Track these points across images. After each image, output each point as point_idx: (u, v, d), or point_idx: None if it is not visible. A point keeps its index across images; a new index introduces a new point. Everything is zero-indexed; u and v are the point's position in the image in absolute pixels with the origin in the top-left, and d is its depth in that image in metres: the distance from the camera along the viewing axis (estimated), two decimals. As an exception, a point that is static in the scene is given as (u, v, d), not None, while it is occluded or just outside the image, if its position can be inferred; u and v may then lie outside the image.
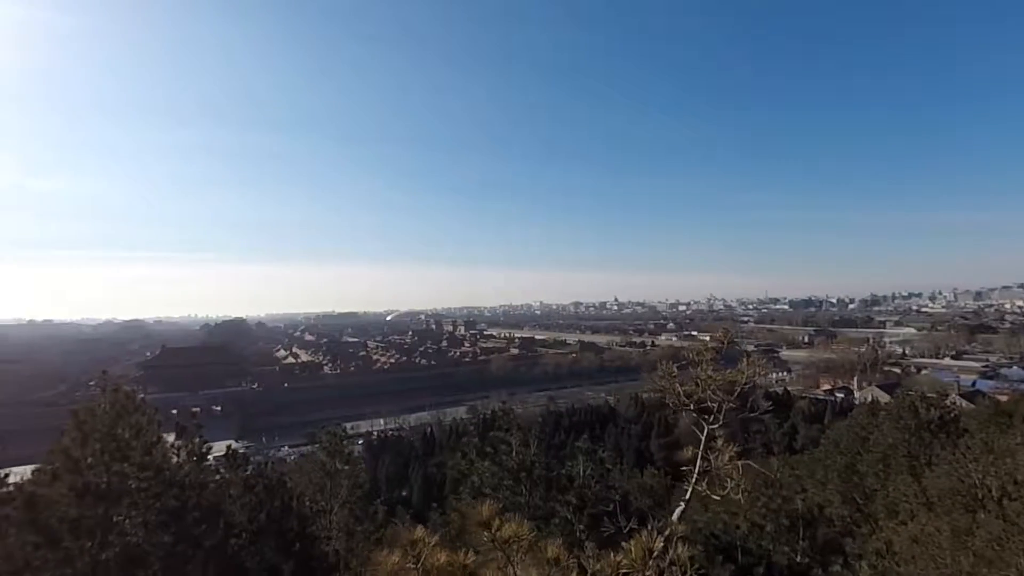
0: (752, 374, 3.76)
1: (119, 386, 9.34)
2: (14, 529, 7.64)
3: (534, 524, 3.81)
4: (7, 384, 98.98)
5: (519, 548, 2.63)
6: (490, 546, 2.63)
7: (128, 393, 9.13)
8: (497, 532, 2.62)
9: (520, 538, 2.66)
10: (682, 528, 2.87)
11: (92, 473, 8.09)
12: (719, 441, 3.72)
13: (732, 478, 3.49)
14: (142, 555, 8.01)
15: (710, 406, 3.81)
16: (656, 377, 4.04)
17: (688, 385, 3.95)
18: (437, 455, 59.85)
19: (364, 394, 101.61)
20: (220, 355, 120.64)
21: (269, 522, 9.45)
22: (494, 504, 2.73)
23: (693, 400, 3.86)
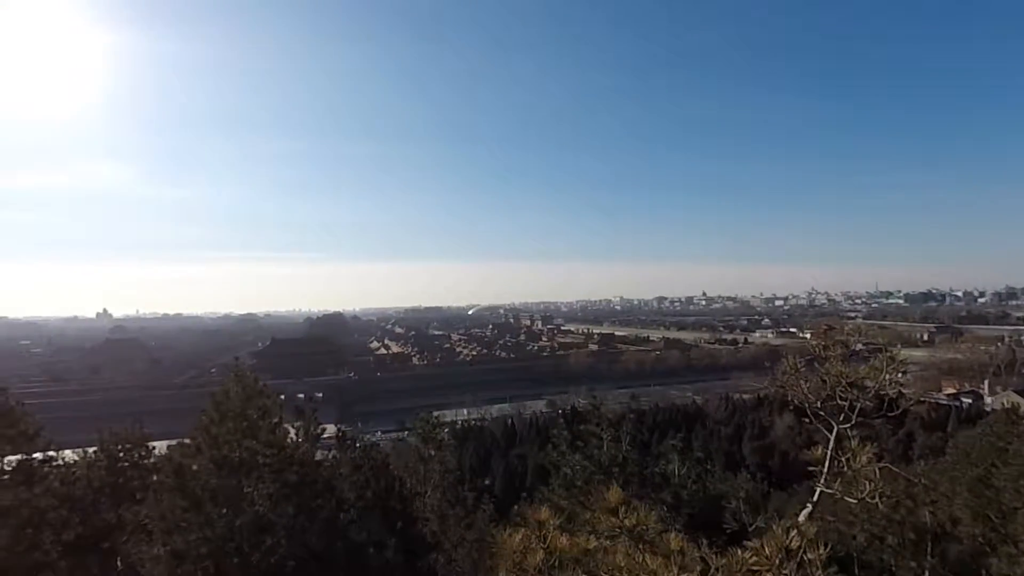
0: (891, 373, 3.45)
1: (246, 372, 10.44)
2: (166, 494, 8.86)
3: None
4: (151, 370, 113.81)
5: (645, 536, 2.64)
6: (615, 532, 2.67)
7: (255, 379, 10.21)
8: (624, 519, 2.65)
9: (646, 526, 2.67)
10: (813, 529, 2.72)
11: (227, 448, 9.16)
12: (853, 442, 3.45)
13: (870, 481, 3.23)
14: (269, 524, 8.95)
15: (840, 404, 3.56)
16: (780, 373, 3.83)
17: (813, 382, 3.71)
18: (518, 446, 60.75)
19: (448, 384, 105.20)
20: (321, 346, 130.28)
21: (375, 500, 10.17)
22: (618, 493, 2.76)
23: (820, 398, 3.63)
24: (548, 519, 2.75)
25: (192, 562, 8.50)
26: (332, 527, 9.55)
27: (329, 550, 9.36)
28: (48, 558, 12.22)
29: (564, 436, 10.81)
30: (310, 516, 9.20)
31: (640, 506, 2.84)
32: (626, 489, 11.34)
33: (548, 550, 2.57)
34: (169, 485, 8.96)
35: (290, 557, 8.72)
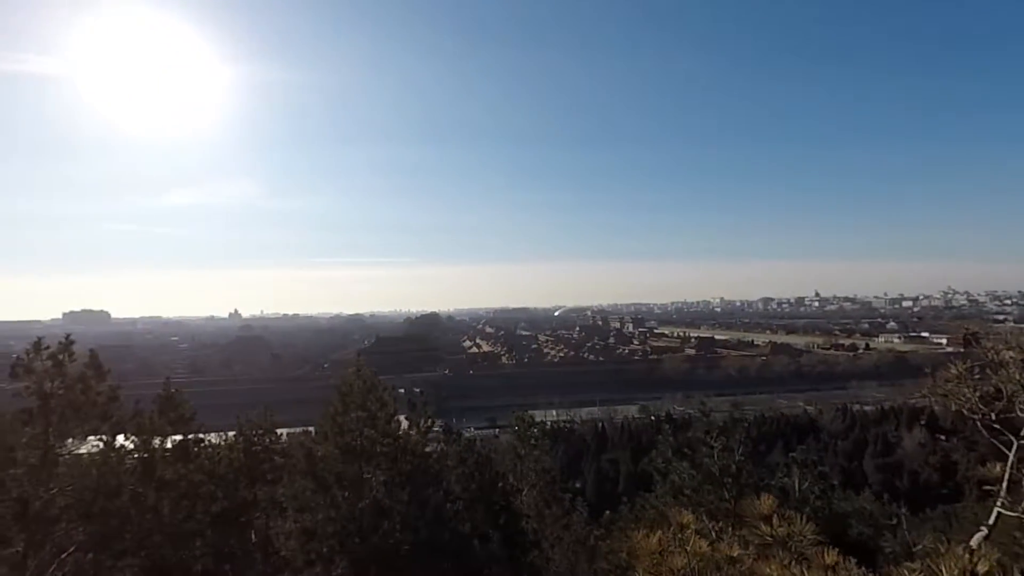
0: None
1: (366, 368, 11.31)
2: (298, 476, 9.83)
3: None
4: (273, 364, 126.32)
5: (799, 547, 2.49)
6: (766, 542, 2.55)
7: (373, 373, 11.02)
8: (778, 529, 2.53)
9: (803, 538, 2.52)
10: (996, 554, 2.42)
11: (350, 436, 9.98)
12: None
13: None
14: (386, 509, 9.61)
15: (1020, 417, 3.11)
16: (941, 380, 3.44)
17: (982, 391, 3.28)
18: (609, 451, 59.68)
19: (536, 385, 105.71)
20: (420, 344, 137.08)
21: (479, 494, 10.54)
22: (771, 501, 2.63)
23: (996, 410, 3.20)
24: (691, 522, 2.70)
25: (320, 540, 9.36)
26: (440, 517, 10.03)
27: (438, 538, 9.84)
28: (200, 526, 14.04)
29: (669, 442, 10.46)
30: (421, 504, 9.74)
31: (795, 516, 2.69)
32: (739, 501, 10.72)
33: (690, 554, 2.52)
34: (300, 468, 9.94)
35: (404, 543, 9.30)
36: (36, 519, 11.73)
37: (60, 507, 12.13)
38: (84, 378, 12.08)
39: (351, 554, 9.17)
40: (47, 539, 11.92)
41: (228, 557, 14.74)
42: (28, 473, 11.97)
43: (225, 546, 14.64)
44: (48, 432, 11.91)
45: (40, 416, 11.90)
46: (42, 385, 11.99)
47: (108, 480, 12.28)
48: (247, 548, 15.36)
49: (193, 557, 13.86)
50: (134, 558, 12.79)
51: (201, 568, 13.45)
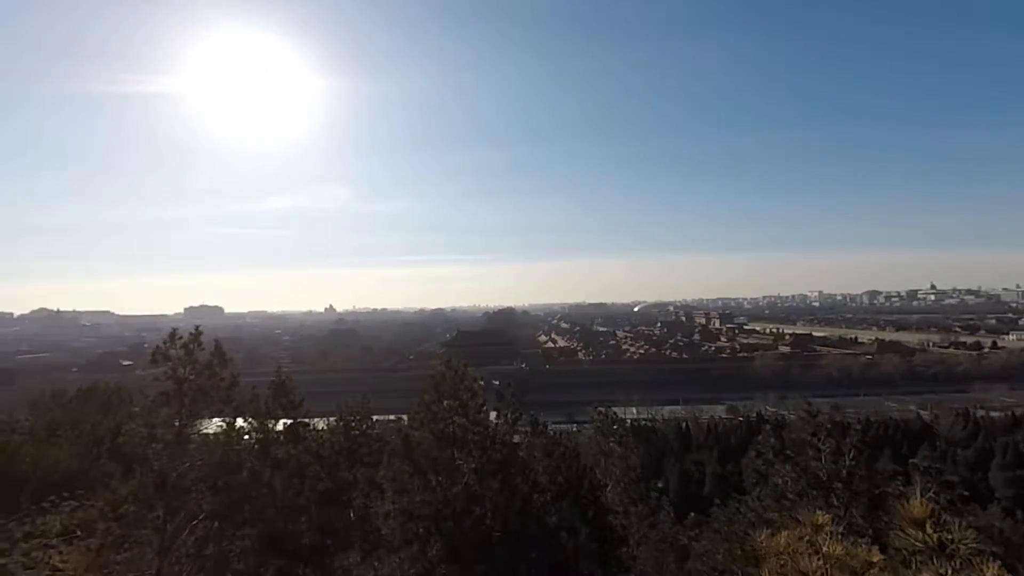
0: None
1: (456, 359, 11.73)
2: (396, 459, 10.41)
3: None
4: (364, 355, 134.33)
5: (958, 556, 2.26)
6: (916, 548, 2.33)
7: (464, 364, 11.41)
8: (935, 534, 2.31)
9: (961, 545, 2.28)
10: None
11: (443, 424, 10.41)
12: None
13: None
14: (477, 495, 9.93)
15: None
16: None
17: None
18: (694, 452, 57.47)
19: (614, 382, 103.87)
20: (497, 338, 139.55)
21: (567, 486, 10.59)
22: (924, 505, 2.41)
23: None
24: (826, 523, 2.54)
25: (417, 520, 9.86)
26: (528, 507, 10.19)
27: (526, 528, 10.01)
28: (307, 503, 15.29)
29: (771, 443, 9.88)
30: (511, 493, 9.96)
31: (954, 522, 2.44)
32: (852, 508, 9.95)
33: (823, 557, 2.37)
34: (398, 452, 10.53)
35: (495, 529, 9.57)
36: (173, 489, 13.32)
37: (191, 480, 13.72)
38: (211, 365, 13.55)
39: (446, 537, 9.58)
40: (181, 507, 13.51)
41: (331, 533, 15.94)
42: (166, 449, 13.63)
43: (328, 522, 15.85)
44: (182, 413, 13.50)
45: (175, 398, 13.51)
46: (177, 371, 13.60)
47: (230, 457, 13.72)
48: (347, 525, 16.50)
49: (300, 531, 15.13)
50: (251, 528, 14.19)
51: (308, 542, 14.66)
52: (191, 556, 13.20)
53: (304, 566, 14.84)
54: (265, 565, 14.27)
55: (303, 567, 14.73)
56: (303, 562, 14.39)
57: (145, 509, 12.78)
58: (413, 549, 9.89)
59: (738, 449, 50.25)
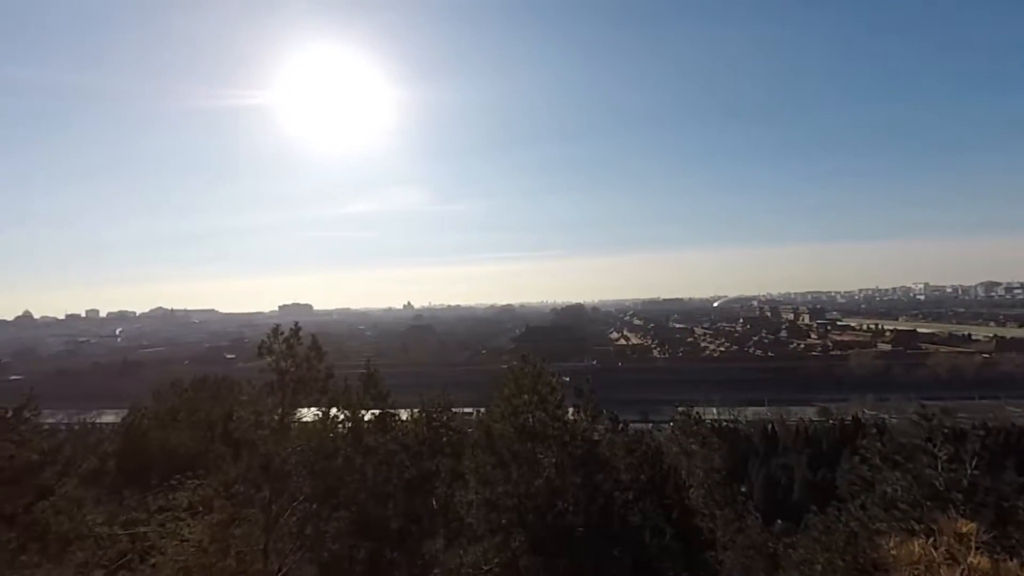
0: None
1: (533, 355, 11.88)
2: (479, 451, 10.73)
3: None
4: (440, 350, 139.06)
5: None
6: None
7: (542, 360, 11.54)
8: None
9: None
10: None
11: (524, 417, 10.59)
12: None
13: None
14: (559, 489, 10.01)
15: None
16: None
17: None
18: (780, 455, 54.29)
19: (691, 380, 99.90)
20: (566, 334, 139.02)
21: (650, 486, 10.39)
22: None
23: None
24: (971, 532, 2.34)
25: (500, 512, 10.10)
26: (610, 504, 10.12)
27: (608, 525, 9.94)
28: (395, 490, 16.11)
29: (877, 448, 9.10)
30: (593, 490, 9.94)
31: None
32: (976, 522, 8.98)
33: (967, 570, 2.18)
34: (481, 444, 10.84)
35: (578, 525, 9.59)
36: (276, 472, 14.54)
37: (293, 464, 14.89)
38: (308, 359, 14.64)
39: (529, 529, 9.74)
40: (284, 489, 14.70)
41: (415, 519, 16.69)
42: (271, 435, 14.90)
43: (413, 509, 16.60)
44: (284, 402, 14.70)
45: (278, 389, 14.71)
46: (279, 364, 14.83)
47: (326, 444, 14.76)
48: (431, 513, 17.21)
49: (389, 517, 15.97)
50: (346, 512, 15.19)
51: (396, 527, 15.45)
52: (293, 535, 14.34)
53: (392, 550, 15.67)
54: (357, 547, 15.23)
55: (391, 551, 15.57)
56: (391, 546, 15.20)
57: (253, 489, 14.04)
58: (497, 539, 10.15)
59: (831, 454, 46.74)
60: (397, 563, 15.64)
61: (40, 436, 20.51)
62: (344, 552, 15.00)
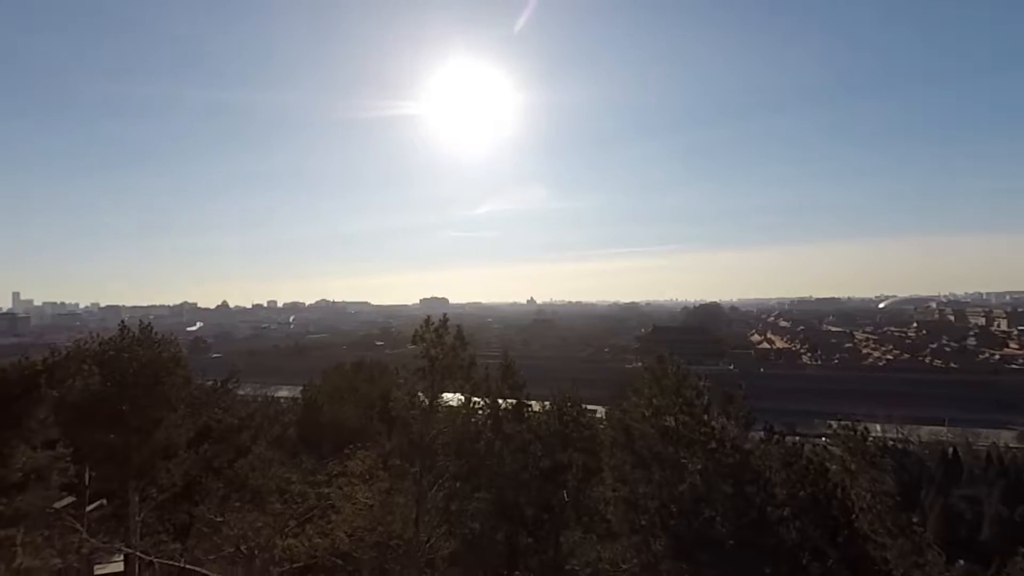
0: None
1: (673, 356, 11.53)
2: (617, 449, 10.74)
3: None
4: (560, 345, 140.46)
5: None
6: None
7: (684, 362, 11.17)
8: None
9: None
10: None
11: (667, 420, 10.35)
12: None
13: None
14: (705, 496, 9.63)
15: None
16: None
17: None
18: (965, 485, 46.11)
19: (849, 391, 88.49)
20: (699, 335, 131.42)
21: (812, 504, 9.51)
22: None
23: None
24: None
25: (640, 512, 10.01)
26: (763, 518, 9.46)
27: (762, 540, 9.32)
28: (530, 478, 16.74)
29: None
30: (745, 501, 9.38)
31: None
32: None
33: None
34: (620, 442, 10.83)
35: (728, 536, 9.13)
36: (426, 450, 15.97)
37: (440, 444, 16.25)
38: (454, 347, 15.86)
39: (672, 533, 9.52)
40: (432, 466, 16.09)
41: (548, 508, 17.18)
42: (422, 415, 16.41)
43: (546, 499, 17.11)
44: (433, 386, 16.10)
45: (428, 374, 16.17)
46: (429, 351, 16.28)
47: (469, 428, 15.87)
48: (562, 504, 17.58)
49: (524, 503, 16.67)
50: (485, 493, 16.18)
51: (531, 514, 16.09)
52: (439, 510, 15.67)
53: (527, 535, 16.33)
54: (495, 528, 16.14)
55: (526, 536, 16.23)
56: (527, 531, 15.84)
57: (407, 464, 15.61)
58: (636, 539, 10.07)
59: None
60: (532, 548, 16.26)
61: (238, 405, 24.87)
62: (484, 532, 15.99)
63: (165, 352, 18.84)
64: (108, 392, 17.83)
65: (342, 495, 12.67)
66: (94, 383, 18.03)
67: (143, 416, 17.98)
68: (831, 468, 15.57)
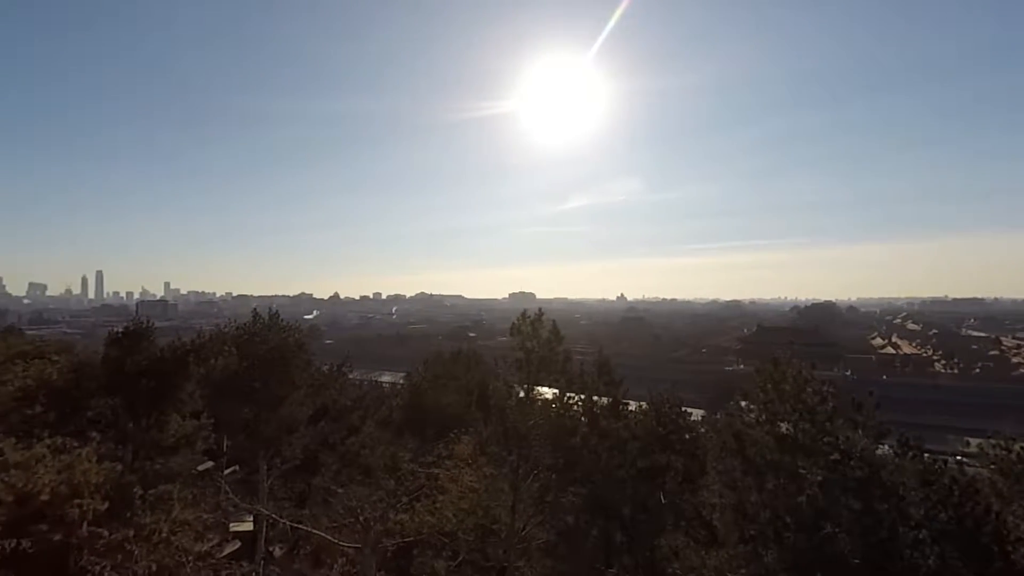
0: None
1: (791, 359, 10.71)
2: (727, 454, 10.22)
3: None
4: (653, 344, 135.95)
5: None
6: None
7: (806, 366, 10.35)
8: None
9: None
10: None
11: (785, 427, 9.67)
12: None
13: None
14: (827, 511, 8.88)
15: None
16: None
17: None
18: None
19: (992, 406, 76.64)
20: (810, 337, 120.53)
21: (956, 528, 8.40)
22: None
23: None
24: None
25: (751, 521, 9.46)
26: (894, 539, 8.52)
27: (892, 563, 8.42)
28: (625, 476, 16.49)
29: None
30: (874, 519, 8.51)
31: None
32: None
33: None
34: (731, 447, 10.29)
35: (852, 555, 8.37)
36: (521, 440, 16.29)
37: (535, 435, 16.50)
38: (550, 341, 15.99)
39: (787, 547, 8.89)
40: (528, 456, 16.37)
41: (645, 509, 16.81)
42: (518, 406, 16.77)
43: (643, 499, 16.75)
44: (529, 378, 16.36)
45: (524, 366, 16.46)
46: (525, 343, 16.56)
47: (566, 422, 15.93)
48: (659, 506, 17.11)
49: (620, 501, 16.46)
50: (580, 487, 16.20)
51: (627, 512, 15.85)
52: (534, 499, 15.93)
53: (622, 533, 16.13)
54: (590, 524, 16.11)
55: (621, 534, 16.03)
56: (622, 529, 15.65)
57: (505, 452, 16.03)
58: (745, 549, 9.54)
59: None
60: (627, 547, 16.04)
61: (350, 387, 26.95)
62: (578, 525, 16.03)
63: (290, 337, 20.89)
64: (243, 371, 20.19)
65: (449, 477, 13.31)
66: (232, 363, 20.50)
67: (271, 393, 20.14)
68: (981, 490, 13.69)
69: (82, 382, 17.44)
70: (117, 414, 16.95)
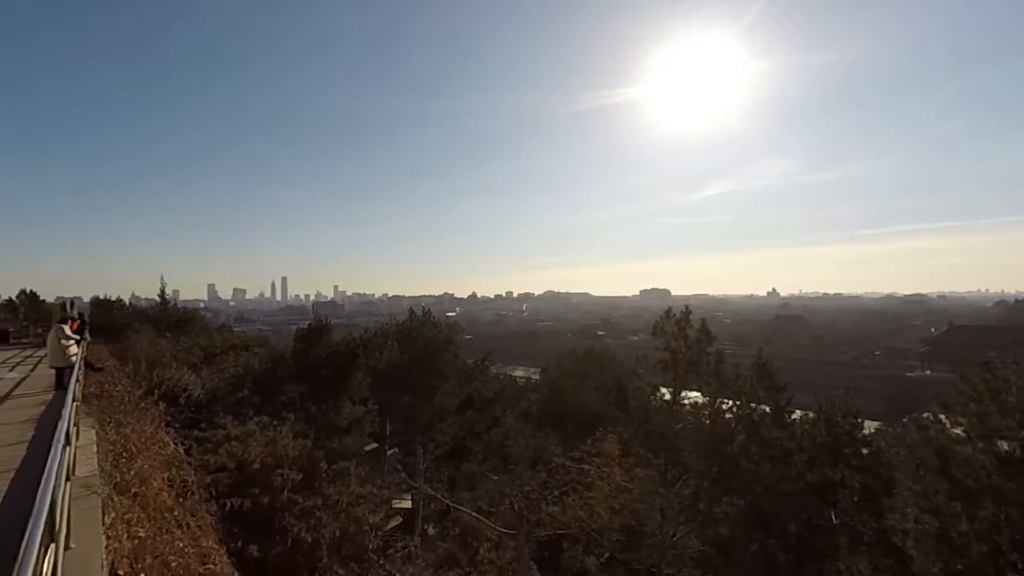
0: None
1: (1008, 365, 8.81)
2: (927, 473, 8.74)
3: None
4: (814, 345, 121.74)
5: None
6: None
7: None
8: None
9: None
10: None
11: (1008, 445, 8.01)
12: None
13: None
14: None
15: None
16: None
17: None
18: None
19: None
20: (1019, 338, 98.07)
21: None
22: None
23: None
24: None
25: (959, 553, 7.98)
26: None
27: None
28: (793, 490, 14.94)
29: None
30: None
31: None
32: None
33: None
34: (931, 466, 8.80)
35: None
36: (668, 444, 15.63)
37: (683, 440, 15.73)
38: (699, 341, 15.12)
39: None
40: (676, 459, 15.67)
41: (814, 528, 15.07)
42: (662, 409, 16.13)
43: (812, 517, 15.03)
44: (676, 380, 15.65)
45: (670, 367, 15.77)
46: (671, 343, 15.86)
47: (720, 428, 14.94)
48: (830, 526, 15.23)
49: (784, 517, 14.94)
50: (737, 498, 15.04)
51: (794, 531, 14.31)
52: (685, 507, 15.19)
53: (786, 553, 14.63)
54: (748, 538, 14.87)
55: (786, 554, 14.55)
56: (787, 549, 14.19)
57: (651, 454, 15.55)
58: (953, 586, 8.06)
59: None
60: (793, 568, 14.53)
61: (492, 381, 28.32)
62: (735, 538, 14.89)
63: (441, 334, 22.64)
64: (402, 363, 22.41)
65: (599, 474, 13.33)
66: (394, 356, 22.86)
67: (426, 384, 22.07)
68: None
69: (277, 370, 20.89)
70: (304, 398, 19.98)
